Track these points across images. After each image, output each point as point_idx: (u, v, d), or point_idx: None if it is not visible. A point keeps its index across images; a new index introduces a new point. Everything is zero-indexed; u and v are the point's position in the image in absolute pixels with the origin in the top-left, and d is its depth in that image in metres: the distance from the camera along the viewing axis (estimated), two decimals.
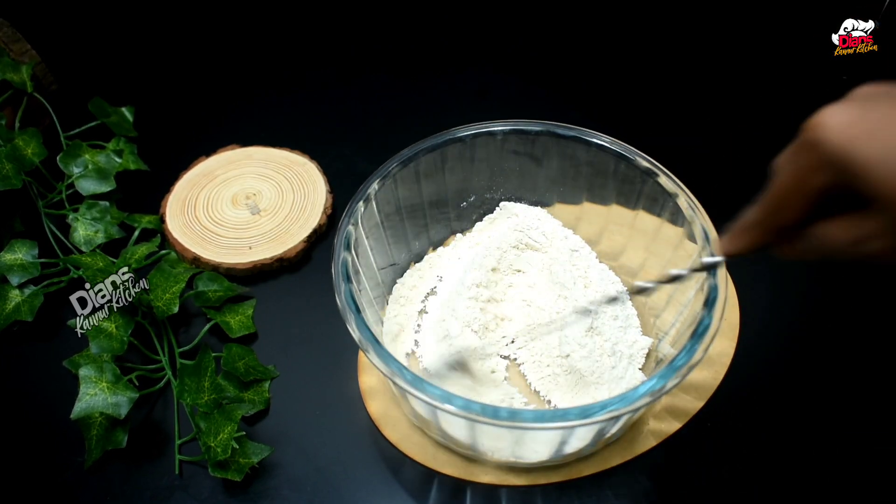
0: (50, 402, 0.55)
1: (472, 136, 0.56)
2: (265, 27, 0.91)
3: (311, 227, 0.65)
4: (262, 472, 0.51)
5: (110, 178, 0.66)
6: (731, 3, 0.88)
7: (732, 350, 0.55)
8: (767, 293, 0.59)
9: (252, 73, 0.85)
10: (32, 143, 0.63)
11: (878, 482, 0.49)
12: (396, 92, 0.82)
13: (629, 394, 0.40)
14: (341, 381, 0.55)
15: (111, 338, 0.52)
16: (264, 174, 0.70)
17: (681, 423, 0.52)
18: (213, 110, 0.81)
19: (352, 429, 0.53)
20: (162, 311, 0.54)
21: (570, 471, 0.50)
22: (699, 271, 0.43)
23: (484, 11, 0.91)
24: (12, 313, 0.57)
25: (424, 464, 0.51)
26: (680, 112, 0.77)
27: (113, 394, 0.49)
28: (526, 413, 0.40)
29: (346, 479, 0.51)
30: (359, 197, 0.52)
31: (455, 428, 0.46)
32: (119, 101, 0.73)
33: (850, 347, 0.56)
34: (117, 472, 0.51)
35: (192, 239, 0.64)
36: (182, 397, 0.51)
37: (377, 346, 0.43)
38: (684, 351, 0.42)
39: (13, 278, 0.57)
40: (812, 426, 0.52)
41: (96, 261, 0.55)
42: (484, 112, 0.57)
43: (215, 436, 0.48)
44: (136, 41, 0.90)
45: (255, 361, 0.56)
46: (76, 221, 0.63)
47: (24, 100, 0.67)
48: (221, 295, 0.59)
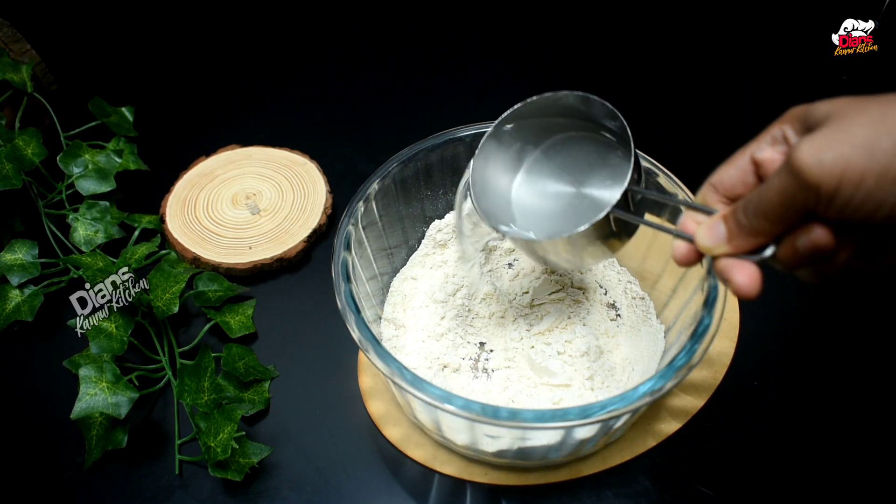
0: (50, 402, 0.55)
1: (472, 136, 0.56)
2: (265, 27, 0.91)
3: (311, 228, 0.65)
4: (262, 472, 0.51)
5: (110, 178, 0.66)
6: (731, 3, 0.88)
7: (732, 350, 0.55)
8: (767, 293, 0.58)
9: (252, 73, 0.85)
10: (32, 143, 0.63)
11: (877, 481, 0.49)
12: (396, 92, 0.82)
13: (629, 394, 0.40)
14: (341, 380, 0.55)
15: (111, 338, 0.52)
16: (264, 174, 0.70)
17: (681, 423, 0.52)
18: (213, 110, 0.81)
19: (352, 428, 0.53)
20: (162, 311, 0.54)
21: (570, 471, 0.50)
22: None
23: (484, 11, 0.91)
24: (12, 313, 0.57)
25: (424, 464, 0.51)
26: (680, 112, 0.77)
27: (113, 394, 0.49)
28: (526, 413, 0.40)
29: (346, 479, 0.51)
30: (359, 197, 0.52)
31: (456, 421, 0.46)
32: (119, 101, 0.73)
33: (849, 347, 0.56)
34: (117, 471, 0.51)
35: (192, 239, 0.64)
36: (182, 397, 0.51)
37: (377, 346, 0.43)
38: (684, 351, 0.42)
39: (13, 278, 0.58)
40: (811, 426, 0.52)
41: (96, 261, 0.55)
42: (484, 112, 0.57)
43: (215, 436, 0.48)
44: (136, 41, 0.90)
45: (254, 361, 0.56)
46: (76, 221, 0.63)
47: (25, 100, 0.67)
48: (221, 295, 0.59)
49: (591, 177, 0.47)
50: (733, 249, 0.34)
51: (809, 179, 0.28)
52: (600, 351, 0.52)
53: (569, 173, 0.48)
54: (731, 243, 0.34)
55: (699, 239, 0.35)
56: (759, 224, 0.32)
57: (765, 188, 0.31)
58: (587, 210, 0.46)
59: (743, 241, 0.33)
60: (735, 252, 0.34)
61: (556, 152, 0.49)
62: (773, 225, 0.32)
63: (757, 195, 0.32)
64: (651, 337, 0.53)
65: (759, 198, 0.32)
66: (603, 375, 0.51)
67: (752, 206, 0.32)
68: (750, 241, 0.33)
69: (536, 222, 0.48)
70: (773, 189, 0.31)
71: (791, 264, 0.33)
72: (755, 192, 0.32)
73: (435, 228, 0.60)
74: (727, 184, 0.35)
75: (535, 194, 0.49)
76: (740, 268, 0.33)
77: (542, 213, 0.49)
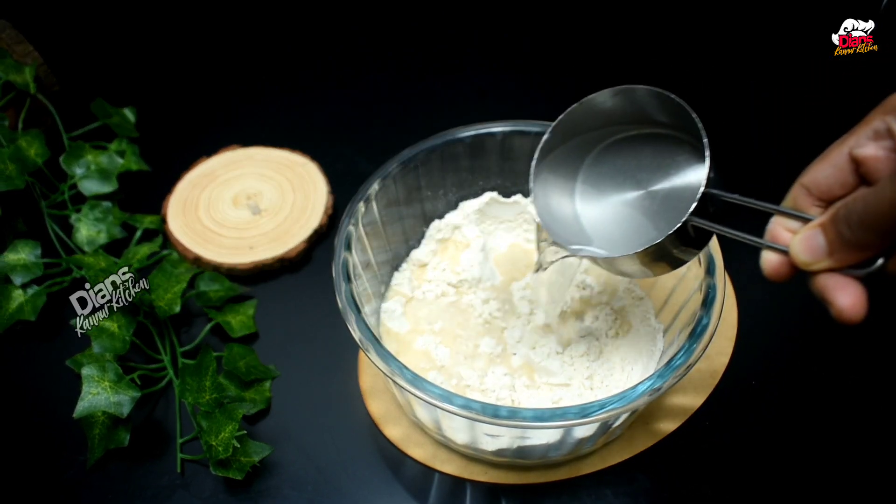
0: (52, 402, 0.55)
1: (472, 136, 0.56)
2: (266, 28, 0.91)
3: (312, 228, 0.65)
4: (263, 471, 0.51)
5: (112, 179, 0.66)
6: (732, 4, 0.88)
7: (731, 349, 0.55)
8: (766, 293, 0.59)
9: (253, 73, 0.85)
10: (35, 143, 0.64)
11: (877, 481, 0.49)
12: (397, 92, 0.82)
13: (627, 393, 0.40)
14: (342, 380, 0.56)
15: (113, 337, 0.52)
16: (265, 174, 0.70)
17: (679, 422, 0.52)
18: (214, 111, 0.81)
19: (352, 428, 0.53)
20: (163, 310, 0.55)
21: (570, 469, 0.50)
22: None
23: (484, 11, 0.91)
24: (15, 313, 0.58)
25: (424, 463, 0.51)
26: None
27: (115, 393, 0.49)
28: (525, 412, 0.40)
29: (347, 478, 0.51)
30: (359, 197, 0.52)
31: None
32: (121, 102, 0.73)
33: (848, 347, 0.56)
34: (119, 470, 0.52)
35: (193, 239, 0.64)
36: (184, 396, 0.51)
37: (377, 346, 0.44)
38: (683, 350, 0.42)
39: (16, 278, 0.58)
40: (811, 425, 0.52)
41: (98, 261, 0.55)
42: (484, 112, 0.57)
43: (217, 435, 0.48)
44: (138, 42, 0.90)
45: (256, 361, 0.56)
46: (79, 222, 0.64)
47: (27, 101, 0.68)
48: (223, 295, 0.59)
49: (657, 175, 0.43)
50: (835, 264, 0.30)
51: None
52: (599, 350, 0.53)
53: (630, 175, 0.45)
54: (832, 257, 0.30)
55: (795, 252, 0.31)
56: (866, 237, 0.28)
57: (873, 196, 0.27)
58: (661, 212, 0.43)
59: (846, 255, 0.29)
60: (837, 267, 0.30)
61: (611, 156, 0.46)
62: (882, 238, 0.28)
63: (863, 204, 0.28)
64: (650, 336, 0.53)
65: (865, 207, 0.28)
66: (602, 375, 0.51)
67: (856, 215, 0.28)
68: (855, 255, 0.29)
69: (607, 234, 0.45)
70: (886, 199, 0.27)
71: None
72: (860, 198, 0.28)
73: (435, 228, 0.60)
74: (822, 185, 0.31)
75: (600, 205, 0.46)
76: (844, 288, 0.30)
77: (612, 221, 0.46)
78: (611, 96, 0.42)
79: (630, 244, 0.39)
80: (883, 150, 0.30)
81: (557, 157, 0.46)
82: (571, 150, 0.46)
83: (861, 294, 0.30)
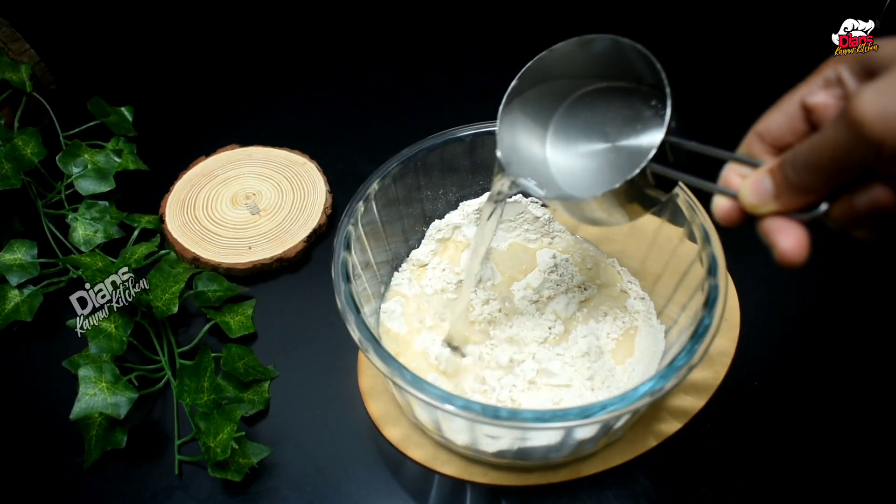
0: (49, 403, 0.55)
1: (472, 136, 0.55)
2: (265, 27, 0.91)
3: (311, 227, 0.65)
4: (262, 473, 0.51)
5: (109, 178, 0.66)
6: (732, 4, 0.88)
7: (733, 350, 0.55)
8: (767, 293, 0.59)
9: (252, 73, 0.85)
10: (32, 142, 0.63)
11: (877, 481, 0.49)
12: (396, 92, 0.82)
13: (629, 394, 0.40)
14: (341, 381, 0.55)
15: (110, 338, 0.52)
16: (264, 174, 0.70)
17: (681, 423, 0.51)
18: (212, 110, 0.80)
19: (352, 429, 0.53)
20: (161, 311, 0.54)
21: (570, 471, 0.50)
22: None
23: (484, 11, 0.91)
24: (11, 313, 0.57)
25: (424, 464, 0.51)
26: (679, 112, 0.77)
27: (112, 394, 0.49)
28: (526, 413, 0.40)
29: (346, 479, 0.50)
30: (359, 197, 0.51)
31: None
32: (118, 101, 0.73)
33: (849, 347, 0.56)
34: (117, 472, 0.51)
35: (191, 239, 0.64)
36: (182, 397, 0.51)
37: (377, 346, 0.43)
38: (684, 351, 0.42)
39: (12, 278, 0.57)
40: (812, 426, 0.52)
41: (95, 261, 0.55)
42: (484, 112, 0.57)
43: (215, 436, 0.48)
44: (135, 41, 0.90)
45: (254, 361, 0.56)
46: (75, 221, 0.63)
47: (24, 99, 0.67)
48: (221, 295, 0.59)
49: (624, 130, 0.44)
50: (781, 207, 0.30)
51: (870, 134, 0.25)
52: (600, 351, 0.52)
53: (598, 128, 0.46)
54: (778, 200, 0.30)
55: (743, 195, 0.31)
56: (810, 180, 0.29)
57: (817, 140, 0.28)
58: (625, 165, 0.43)
59: (792, 198, 0.30)
60: (783, 210, 0.30)
61: (582, 108, 0.46)
62: (825, 182, 0.28)
63: (808, 147, 0.28)
64: (651, 337, 0.53)
65: (810, 151, 0.28)
66: (603, 375, 0.51)
67: (801, 159, 0.29)
68: (800, 198, 0.29)
69: (574, 181, 0.46)
70: (827, 142, 0.27)
71: (845, 225, 0.29)
72: (806, 143, 0.29)
73: (435, 228, 0.60)
74: (774, 132, 0.32)
75: (568, 154, 0.47)
76: (787, 231, 0.30)
77: (579, 171, 0.46)
78: (578, 46, 0.42)
79: (596, 191, 0.41)
80: (832, 97, 0.30)
81: (529, 104, 0.47)
82: (543, 98, 0.47)
83: (803, 237, 0.30)
